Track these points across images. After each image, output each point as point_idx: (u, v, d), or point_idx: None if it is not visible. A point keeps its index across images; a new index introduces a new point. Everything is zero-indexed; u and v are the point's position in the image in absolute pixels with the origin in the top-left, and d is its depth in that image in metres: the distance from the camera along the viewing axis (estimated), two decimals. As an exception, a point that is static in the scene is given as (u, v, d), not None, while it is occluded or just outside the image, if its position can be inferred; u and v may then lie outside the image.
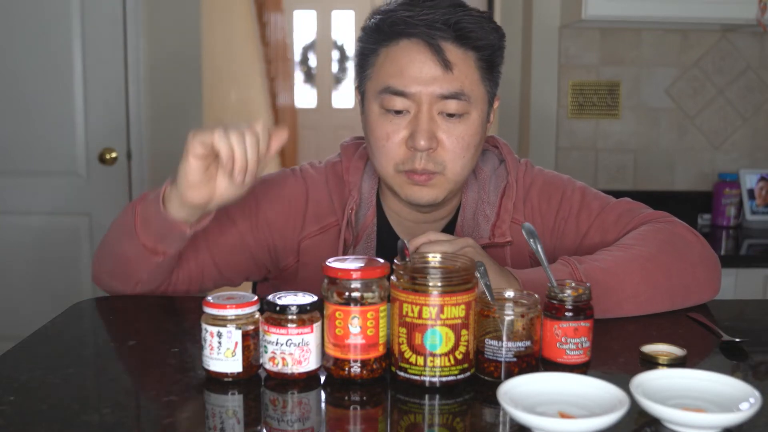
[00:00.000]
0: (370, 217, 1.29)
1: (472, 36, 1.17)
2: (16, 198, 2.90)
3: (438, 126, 1.18)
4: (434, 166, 1.19)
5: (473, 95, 1.18)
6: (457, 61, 1.16)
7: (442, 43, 1.16)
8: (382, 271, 0.88)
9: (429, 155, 1.18)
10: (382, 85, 1.19)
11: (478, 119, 1.21)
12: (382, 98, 1.19)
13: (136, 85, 2.88)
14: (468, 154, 1.20)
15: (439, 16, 1.15)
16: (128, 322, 1.14)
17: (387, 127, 1.19)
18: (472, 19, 1.17)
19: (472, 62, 1.18)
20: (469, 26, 1.17)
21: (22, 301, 2.91)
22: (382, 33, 1.19)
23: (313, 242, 1.29)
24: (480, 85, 1.20)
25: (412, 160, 1.18)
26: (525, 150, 2.85)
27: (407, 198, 1.22)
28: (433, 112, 1.17)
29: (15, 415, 0.80)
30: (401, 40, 1.17)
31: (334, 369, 0.89)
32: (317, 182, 1.32)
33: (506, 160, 1.34)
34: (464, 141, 1.19)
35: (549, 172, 1.37)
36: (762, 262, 2.32)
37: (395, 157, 1.20)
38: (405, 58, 1.17)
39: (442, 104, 1.17)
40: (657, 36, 2.73)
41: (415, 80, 1.16)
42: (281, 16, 7.64)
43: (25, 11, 2.80)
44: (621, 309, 1.12)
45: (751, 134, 2.79)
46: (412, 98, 1.17)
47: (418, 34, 1.16)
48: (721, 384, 0.81)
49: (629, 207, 1.30)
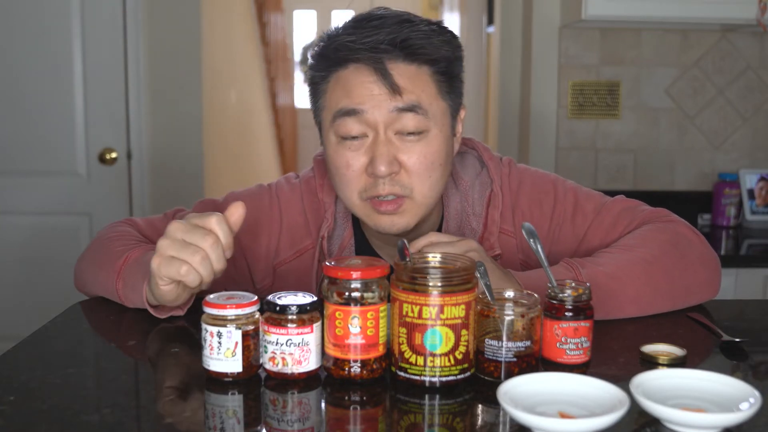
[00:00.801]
0: (347, 238, 1.26)
1: (422, 51, 1.11)
2: (16, 198, 2.91)
3: (397, 148, 1.12)
4: (401, 189, 1.13)
5: (431, 110, 1.12)
6: (408, 79, 1.11)
7: (390, 65, 1.10)
8: (382, 271, 0.88)
9: (393, 179, 1.12)
10: (334, 110, 1.13)
11: (440, 135, 1.14)
12: (336, 125, 1.13)
13: (136, 85, 2.88)
14: (435, 174, 1.15)
15: (384, 36, 1.10)
16: (128, 322, 1.14)
17: (346, 155, 1.14)
18: (421, 34, 1.11)
19: (426, 77, 1.12)
20: (418, 42, 1.11)
21: (22, 301, 2.91)
22: (329, 59, 1.14)
23: (289, 267, 1.26)
24: (438, 99, 1.14)
25: (375, 186, 1.13)
26: (525, 150, 2.85)
27: (376, 228, 1.17)
28: (390, 134, 1.12)
29: (15, 415, 0.80)
30: (349, 64, 1.12)
31: (334, 369, 0.89)
32: (292, 203, 1.28)
33: (488, 167, 1.28)
34: (427, 160, 1.13)
35: (535, 172, 1.31)
36: (762, 262, 2.32)
37: (358, 186, 1.14)
38: (355, 80, 1.12)
39: (398, 122, 1.11)
40: (657, 36, 2.73)
41: (366, 99, 1.11)
42: (281, 16, 7.64)
43: (25, 11, 2.81)
44: (623, 312, 1.12)
45: (751, 134, 2.79)
46: (366, 119, 1.11)
47: (361, 58, 1.10)
48: (721, 384, 0.81)
49: (627, 205, 1.28)
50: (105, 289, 1.19)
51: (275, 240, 1.26)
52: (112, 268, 1.17)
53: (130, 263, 1.14)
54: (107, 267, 1.18)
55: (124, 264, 1.15)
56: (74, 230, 2.93)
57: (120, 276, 1.15)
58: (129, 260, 1.15)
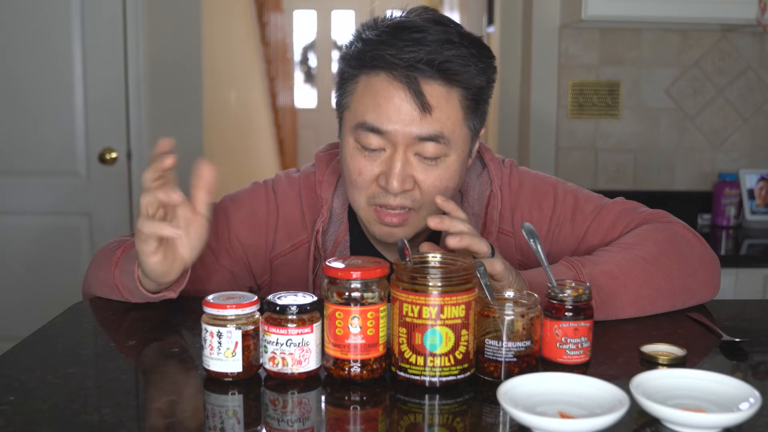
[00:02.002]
0: (342, 234, 1.26)
1: (459, 77, 1.10)
2: (16, 198, 2.91)
3: (414, 168, 1.12)
4: (411, 203, 1.14)
5: (453, 137, 1.12)
6: (439, 101, 1.09)
7: (424, 83, 1.08)
8: (382, 271, 0.88)
9: (404, 194, 1.13)
10: (358, 119, 1.12)
11: (457, 161, 1.14)
12: (357, 133, 1.13)
13: (136, 85, 2.88)
14: (447, 192, 1.15)
15: (424, 55, 1.07)
16: (128, 322, 1.14)
17: (360, 162, 1.14)
18: (461, 59, 1.09)
19: (456, 102, 1.11)
20: (456, 67, 1.09)
21: (22, 301, 2.91)
22: (363, 62, 1.12)
23: (285, 261, 1.27)
24: (462, 126, 1.13)
25: (386, 196, 1.13)
26: (525, 150, 2.85)
27: (376, 235, 1.19)
28: (408, 155, 1.11)
29: (15, 415, 0.80)
30: (381, 72, 1.10)
31: (334, 369, 0.89)
32: (289, 196, 1.28)
33: (489, 167, 1.28)
34: (441, 183, 1.13)
35: (535, 174, 1.32)
36: (762, 262, 2.32)
37: (367, 192, 1.15)
38: (383, 93, 1.10)
39: (419, 146, 1.11)
40: (657, 36, 2.73)
41: (391, 119, 1.09)
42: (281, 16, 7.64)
43: (25, 11, 2.80)
44: (623, 312, 1.12)
45: (751, 134, 2.79)
46: (388, 138, 1.11)
47: (396, 72, 1.09)
48: (721, 384, 0.81)
49: (626, 206, 1.29)
50: (106, 283, 1.20)
51: (272, 233, 1.27)
52: (109, 262, 1.20)
53: (127, 253, 1.18)
54: (106, 263, 1.21)
55: (122, 254, 1.19)
56: (74, 230, 2.93)
57: (117, 265, 1.18)
58: (126, 250, 1.19)
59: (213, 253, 1.25)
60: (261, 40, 6.27)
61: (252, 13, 5.85)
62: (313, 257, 1.25)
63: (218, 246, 1.26)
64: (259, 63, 6.22)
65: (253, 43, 5.87)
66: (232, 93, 4.68)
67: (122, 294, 1.17)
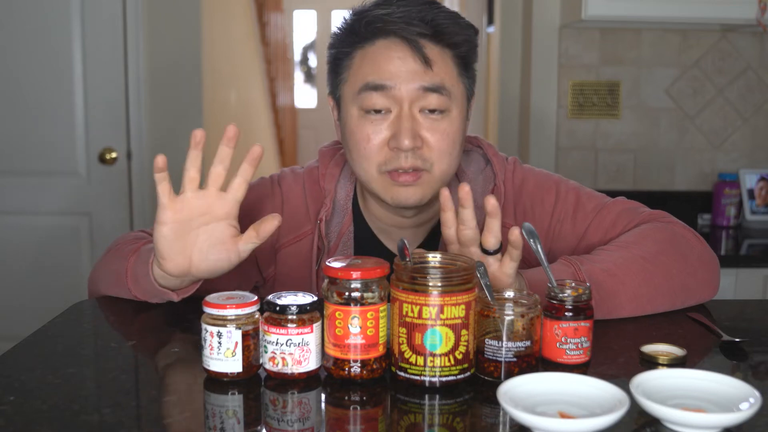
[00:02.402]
0: (346, 224, 1.28)
1: (448, 32, 1.15)
2: (16, 198, 2.91)
3: (421, 124, 1.15)
4: (422, 163, 1.16)
5: (454, 91, 1.17)
6: (435, 57, 1.15)
7: (421, 40, 1.14)
8: (382, 271, 0.88)
9: (415, 153, 1.15)
10: (360, 84, 1.16)
11: (459, 116, 1.19)
12: (361, 98, 1.16)
13: (136, 85, 2.88)
14: (454, 151, 1.18)
15: (415, 13, 1.14)
16: (128, 322, 1.14)
17: (367, 128, 1.16)
18: (447, 16, 1.16)
19: (449, 59, 1.17)
20: (445, 23, 1.15)
21: (22, 301, 2.91)
22: (357, 34, 1.17)
23: (289, 251, 1.28)
24: (458, 82, 1.18)
25: (397, 159, 1.15)
26: (525, 150, 2.85)
27: (392, 200, 1.19)
28: (414, 111, 1.15)
29: (15, 415, 0.80)
30: (377, 39, 1.15)
31: (334, 369, 0.89)
32: (294, 190, 1.31)
33: (492, 162, 1.31)
34: (449, 137, 1.17)
35: (539, 171, 1.34)
36: (762, 262, 2.32)
37: (378, 159, 1.17)
38: (383, 55, 1.15)
39: (423, 100, 1.14)
40: (657, 36, 2.73)
41: (395, 74, 1.14)
42: (281, 16, 7.64)
43: (25, 11, 2.81)
44: (622, 310, 1.12)
45: (751, 134, 2.79)
46: (393, 94, 1.14)
47: (395, 31, 1.14)
48: (721, 384, 0.81)
49: (627, 206, 1.29)
50: (116, 272, 1.19)
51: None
52: (128, 250, 1.19)
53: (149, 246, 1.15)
54: (123, 252, 1.20)
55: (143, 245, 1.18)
56: (74, 230, 2.93)
57: (135, 253, 1.17)
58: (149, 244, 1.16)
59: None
60: (261, 40, 6.27)
61: (252, 13, 5.85)
62: (316, 247, 1.26)
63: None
64: (259, 63, 6.22)
65: (253, 43, 5.87)
66: (232, 93, 4.68)
67: (128, 284, 1.16)
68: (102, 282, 1.24)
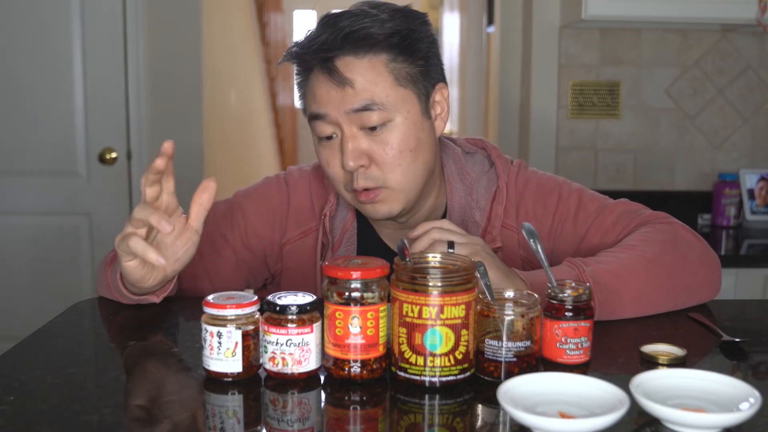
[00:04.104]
0: (349, 221, 1.30)
1: (369, 41, 1.12)
2: (16, 198, 2.91)
3: (363, 142, 1.15)
4: (373, 182, 1.16)
5: (388, 101, 1.13)
6: (359, 73, 1.12)
7: (339, 61, 1.12)
8: (382, 271, 0.88)
9: (364, 173, 1.16)
10: (308, 113, 1.19)
11: (405, 123, 1.15)
12: (313, 126, 1.19)
13: (136, 85, 2.88)
14: (404, 161, 1.16)
15: (328, 35, 1.12)
16: (128, 322, 1.14)
17: (325, 153, 1.19)
18: (367, 24, 1.12)
19: (381, 67, 1.13)
20: (362, 32, 1.12)
21: (22, 301, 2.91)
22: (297, 66, 1.20)
23: (294, 247, 1.31)
24: (396, 88, 1.14)
25: (353, 180, 1.17)
26: (525, 150, 2.85)
27: (366, 214, 1.23)
28: (354, 131, 1.15)
29: (15, 415, 0.80)
30: (311, 69, 1.17)
31: (334, 369, 0.89)
32: (300, 187, 1.33)
33: (495, 164, 1.32)
34: (394, 149, 1.15)
35: (543, 174, 1.34)
36: (762, 262, 2.32)
37: (342, 180, 1.20)
38: (315, 84, 1.16)
39: (359, 120, 1.14)
40: (657, 36, 2.73)
41: (325, 102, 1.15)
42: (281, 16, 7.64)
43: (25, 11, 2.81)
44: (625, 310, 1.12)
45: (751, 134, 2.79)
46: (331, 121, 1.15)
47: (312, 61, 1.15)
48: (721, 384, 0.81)
49: (628, 208, 1.29)
50: (103, 281, 1.23)
51: (284, 220, 1.31)
52: (106, 261, 1.24)
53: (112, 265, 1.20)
54: (104, 262, 1.25)
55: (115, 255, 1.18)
56: (74, 230, 2.93)
57: (111, 264, 1.20)
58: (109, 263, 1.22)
59: (232, 250, 1.30)
60: (261, 40, 6.27)
61: (252, 13, 5.85)
62: (321, 243, 1.29)
63: (236, 241, 1.30)
64: (259, 63, 6.22)
65: (253, 43, 5.87)
66: (232, 93, 4.68)
67: (113, 293, 1.18)
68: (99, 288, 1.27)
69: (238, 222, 1.30)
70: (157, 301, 1.15)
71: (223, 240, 1.30)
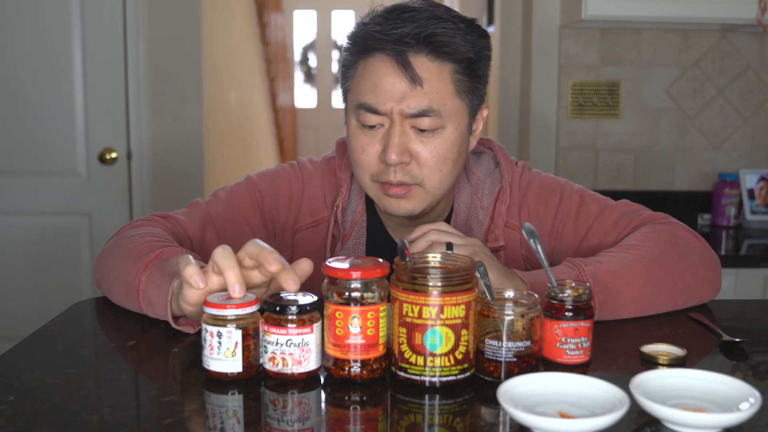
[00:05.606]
0: (359, 214, 1.31)
1: (447, 49, 1.14)
2: (16, 198, 2.90)
3: (411, 140, 1.17)
4: (410, 179, 1.18)
5: (445, 110, 1.16)
6: (429, 75, 1.14)
7: (413, 58, 1.13)
8: (382, 271, 0.88)
9: (403, 169, 1.17)
10: (358, 101, 1.18)
11: (455, 133, 1.18)
12: (358, 113, 1.19)
13: (136, 85, 2.88)
14: (445, 168, 1.19)
15: (411, 30, 1.13)
16: (128, 322, 1.14)
17: (362, 140, 1.19)
18: (449, 31, 1.14)
19: (447, 75, 1.15)
20: (444, 39, 1.14)
21: (22, 301, 2.91)
22: (358, 46, 1.19)
23: (305, 235, 1.32)
24: (455, 99, 1.17)
25: (387, 173, 1.18)
26: (525, 150, 2.85)
27: (384, 208, 1.23)
28: (405, 127, 1.16)
29: (15, 415, 0.80)
30: (375, 53, 1.16)
31: (334, 369, 0.89)
32: (313, 177, 1.34)
33: (500, 164, 1.33)
34: (439, 155, 1.17)
35: (546, 175, 1.36)
36: (762, 262, 2.32)
37: (371, 170, 1.20)
38: (377, 72, 1.16)
39: (413, 120, 1.16)
40: (657, 36, 2.73)
41: (386, 97, 1.15)
42: (281, 16, 7.64)
43: (25, 11, 2.80)
44: (625, 310, 1.12)
45: (751, 134, 2.79)
46: (384, 112, 1.16)
47: (386, 49, 1.14)
48: (721, 384, 0.81)
49: (629, 209, 1.30)
50: (126, 282, 1.12)
51: (297, 206, 1.32)
52: (138, 261, 1.11)
53: (163, 261, 1.09)
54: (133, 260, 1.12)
55: (156, 259, 1.10)
56: (74, 230, 2.93)
57: (147, 269, 1.09)
58: (162, 256, 1.10)
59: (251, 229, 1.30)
60: (261, 40, 6.27)
61: (252, 13, 5.85)
62: (332, 234, 1.30)
63: (256, 221, 1.31)
64: (259, 63, 6.21)
65: (253, 43, 5.87)
66: (232, 93, 4.68)
67: (139, 302, 1.09)
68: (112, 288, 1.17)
69: (256, 200, 1.31)
70: (192, 332, 1.05)
71: (244, 220, 1.30)
